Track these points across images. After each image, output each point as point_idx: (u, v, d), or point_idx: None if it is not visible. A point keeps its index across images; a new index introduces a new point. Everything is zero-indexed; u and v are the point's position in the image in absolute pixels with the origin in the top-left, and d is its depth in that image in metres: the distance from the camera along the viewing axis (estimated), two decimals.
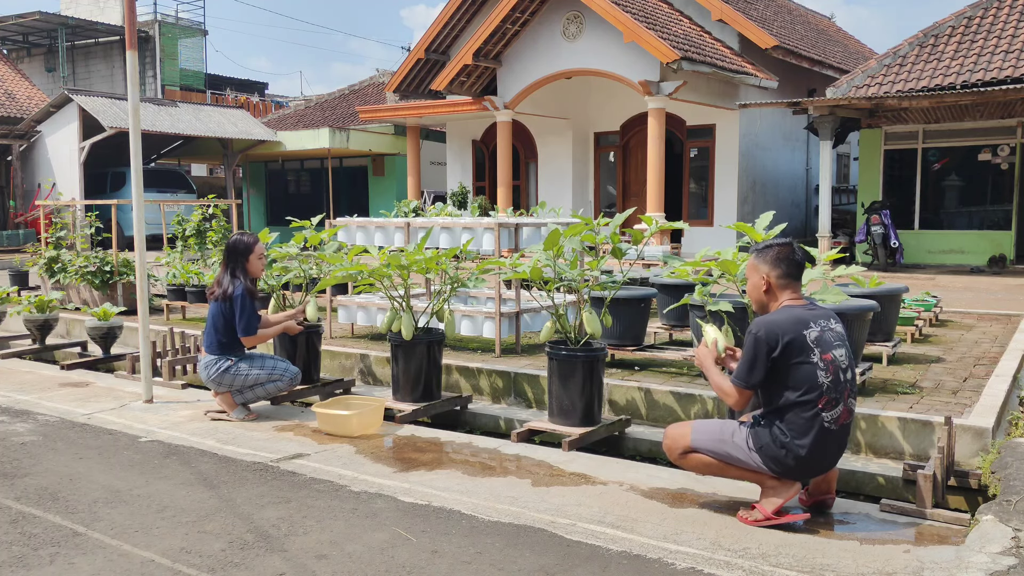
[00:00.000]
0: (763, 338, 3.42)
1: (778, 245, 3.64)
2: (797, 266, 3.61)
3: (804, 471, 3.51)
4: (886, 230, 14.18)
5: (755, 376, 3.46)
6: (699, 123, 16.75)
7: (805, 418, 3.41)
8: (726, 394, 3.58)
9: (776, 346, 3.40)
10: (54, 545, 3.34)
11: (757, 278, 3.63)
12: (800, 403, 3.41)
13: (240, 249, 5.43)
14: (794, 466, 3.46)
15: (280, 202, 25.42)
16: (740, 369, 3.51)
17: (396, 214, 8.46)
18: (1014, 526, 3.28)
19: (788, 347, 3.40)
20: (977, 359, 6.47)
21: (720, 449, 3.61)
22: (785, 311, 3.52)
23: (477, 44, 15.85)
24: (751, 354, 3.45)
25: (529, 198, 19.31)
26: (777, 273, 3.58)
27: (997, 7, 14.28)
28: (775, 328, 3.43)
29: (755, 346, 3.43)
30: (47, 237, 10.49)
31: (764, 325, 3.45)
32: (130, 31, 5.61)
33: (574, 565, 3.13)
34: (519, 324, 6.95)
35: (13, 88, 24.58)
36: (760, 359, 3.43)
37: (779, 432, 3.46)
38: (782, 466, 3.47)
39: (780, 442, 3.45)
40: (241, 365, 5.30)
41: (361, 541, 3.36)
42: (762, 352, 3.42)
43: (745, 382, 3.49)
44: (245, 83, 38.73)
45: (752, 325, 3.50)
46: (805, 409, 3.41)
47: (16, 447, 4.70)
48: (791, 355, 3.40)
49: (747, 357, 3.47)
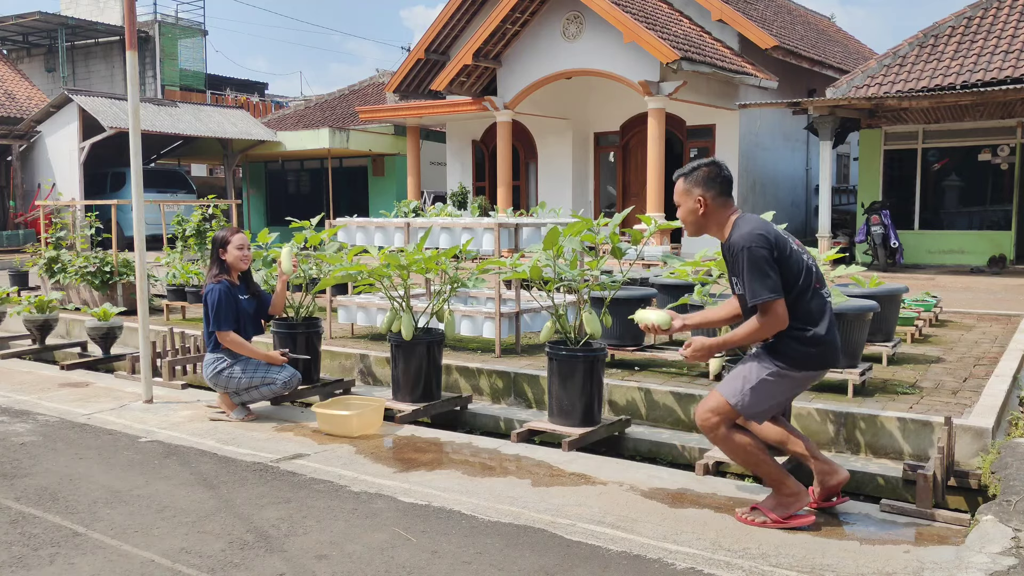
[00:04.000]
0: (758, 247, 3.40)
1: (705, 165, 3.65)
2: (728, 182, 3.65)
3: (823, 361, 3.51)
4: (886, 230, 14.18)
5: (775, 280, 3.38)
6: (699, 123, 16.75)
7: (812, 303, 3.47)
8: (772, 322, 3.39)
9: (772, 248, 3.42)
10: (54, 545, 3.34)
11: (691, 201, 3.63)
12: (802, 291, 3.46)
13: (218, 241, 5.46)
14: (816, 353, 3.45)
15: (280, 202, 25.42)
16: (759, 288, 3.37)
17: (396, 214, 8.46)
18: (1014, 526, 3.28)
19: (778, 244, 3.45)
20: (977, 359, 6.47)
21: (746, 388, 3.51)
22: (745, 221, 3.55)
23: (477, 44, 15.85)
24: (759, 267, 3.38)
25: (529, 198, 19.31)
26: (713, 193, 3.60)
27: (997, 7, 14.28)
28: (760, 233, 3.44)
29: (756, 260, 3.39)
30: (47, 237, 10.48)
31: (749, 238, 3.43)
32: (130, 31, 5.61)
33: (574, 565, 3.13)
34: (519, 324, 6.95)
35: (13, 88, 24.58)
36: (769, 264, 3.39)
37: (795, 331, 3.45)
38: (807, 356, 3.46)
39: (799, 338, 3.45)
40: (235, 368, 5.28)
41: (361, 541, 3.36)
42: (767, 259, 3.39)
43: (774, 291, 3.37)
44: (245, 83, 38.73)
45: (736, 246, 3.46)
46: (807, 294, 3.46)
47: (16, 447, 4.70)
48: (783, 249, 3.45)
49: (757, 272, 3.38)
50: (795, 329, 3.47)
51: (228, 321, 5.28)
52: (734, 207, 3.64)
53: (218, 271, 5.41)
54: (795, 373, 3.52)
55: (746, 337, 3.50)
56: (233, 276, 5.47)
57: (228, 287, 5.34)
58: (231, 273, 5.46)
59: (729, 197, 3.63)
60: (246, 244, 5.52)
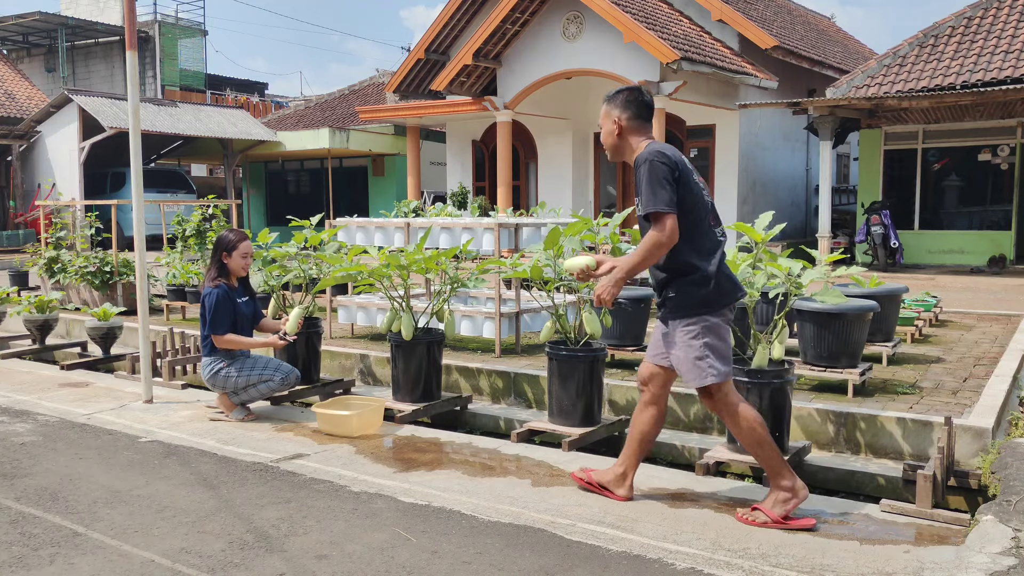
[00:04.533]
0: (659, 161, 3.48)
1: (626, 90, 3.75)
2: (646, 107, 3.72)
3: (721, 294, 3.56)
4: (886, 230, 14.18)
5: (671, 195, 3.44)
6: (699, 123, 16.74)
7: (706, 239, 3.55)
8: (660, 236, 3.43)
9: (673, 167, 3.48)
10: (54, 545, 3.34)
11: (610, 123, 3.72)
12: (696, 222, 3.54)
13: (223, 244, 5.42)
14: (713, 289, 3.52)
15: (280, 202, 25.41)
16: (652, 198, 3.44)
17: (396, 214, 8.45)
18: (1014, 526, 3.28)
19: (681, 167, 3.52)
20: (977, 359, 6.47)
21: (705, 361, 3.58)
22: (655, 143, 3.61)
23: (477, 44, 15.84)
24: (656, 179, 3.45)
25: (529, 198, 19.30)
26: (628, 115, 3.68)
27: (997, 7, 14.28)
28: (664, 151, 3.52)
29: (656, 170, 3.46)
30: (47, 237, 10.48)
31: (653, 152, 3.51)
32: (130, 31, 5.61)
33: (574, 565, 3.13)
34: (519, 324, 6.95)
35: (13, 88, 24.58)
36: (668, 180, 3.46)
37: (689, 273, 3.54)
38: (704, 298, 3.54)
39: (693, 281, 3.54)
40: (232, 368, 5.28)
41: (361, 541, 3.36)
42: (668, 172, 3.46)
43: (668, 205, 3.44)
44: (245, 83, 38.73)
45: (639, 160, 3.53)
46: (701, 227, 3.55)
47: (16, 447, 4.70)
48: (684, 174, 3.52)
49: (654, 184, 3.44)
50: (688, 270, 3.54)
51: (224, 325, 5.27)
52: (649, 134, 3.73)
53: (216, 274, 5.39)
54: (712, 318, 3.58)
55: (642, 255, 3.50)
56: (232, 279, 5.46)
57: (226, 291, 5.33)
58: (229, 277, 5.45)
59: (646, 122, 3.72)
60: (251, 252, 5.51)
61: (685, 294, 3.57)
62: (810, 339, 5.53)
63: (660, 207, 3.43)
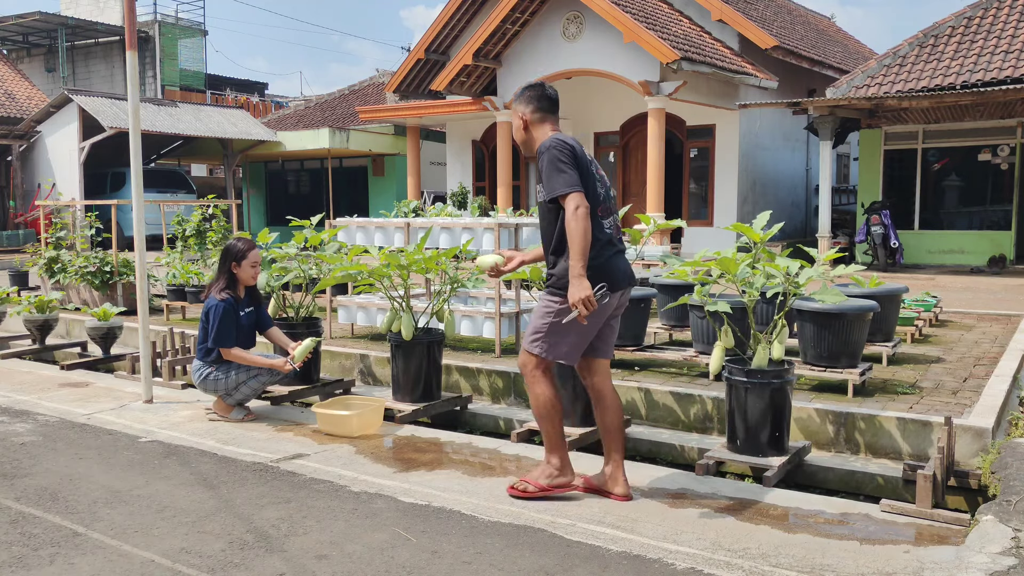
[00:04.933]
0: (558, 148, 3.59)
1: (529, 87, 3.88)
2: (549, 100, 3.85)
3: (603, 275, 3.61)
4: (886, 230, 14.18)
5: (573, 176, 3.53)
6: (699, 123, 16.74)
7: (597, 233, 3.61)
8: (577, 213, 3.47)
9: (572, 154, 3.59)
10: (54, 545, 3.34)
11: (517, 120, 3.87)
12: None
13: (232, 253, 5.33)
14: (593, 270, 3.56)
15: (280, 202, 25.41)
16: (556, 181, 3.53)
17: (396, 214, 8.46)
18: (1014, 526, 3.28)
19: (580, 155, 3.63)
20: (977, 359, 6.47)
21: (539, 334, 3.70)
22: (558, 134, 3.72)
23: (477, 44, 15.84)
24: (557, 164, 3.56)
25: (529, 198, 19.30)
26: (531, 109, 3.82)
27: (997, 7, 14.28)
28: (563, 139, 3.64)
29: (554, 158, 3.57)
30: (47, 237, 10.48)
31: (553, 141, 3.63)
32: (130, 31, 5.61)
33: (574, 565, 3.13)
34: (519, 324, 6.95)
35: (13, 88, 24.58)
36: (569, 161, 3.56)
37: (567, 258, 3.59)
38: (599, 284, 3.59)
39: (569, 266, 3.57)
40: (219, 371, 5.25)
41: (361, 541, 3.36)
42: (568, 156, 3.57)
43: (572, 185, 3.52)
44: (245, 83, 38.73)
45: (541, 149, 3.66)
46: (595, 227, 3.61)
47: (16, 447, 4.70)
48: (583, 162, 3.63)
49: (555, 169, 3.55)
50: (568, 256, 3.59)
51: (230, 338, 5.22)
52: (555, 127, 3.84)
53: (225, 284, 5.30)
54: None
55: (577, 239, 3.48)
56: (239, 289, 5.39)
57: (232, 304, 5.26)
58: (237, 287, 5.37)
59: (549, 115, 3.84)
60: (259, 261, 5.46)
61: (561, 272, 3.67)
62: (810, 339, 5.53)
63: (564, 189, 3.53)
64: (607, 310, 3.74)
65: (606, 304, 3.69)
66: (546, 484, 3.79)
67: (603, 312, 3.71)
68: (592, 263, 3.56)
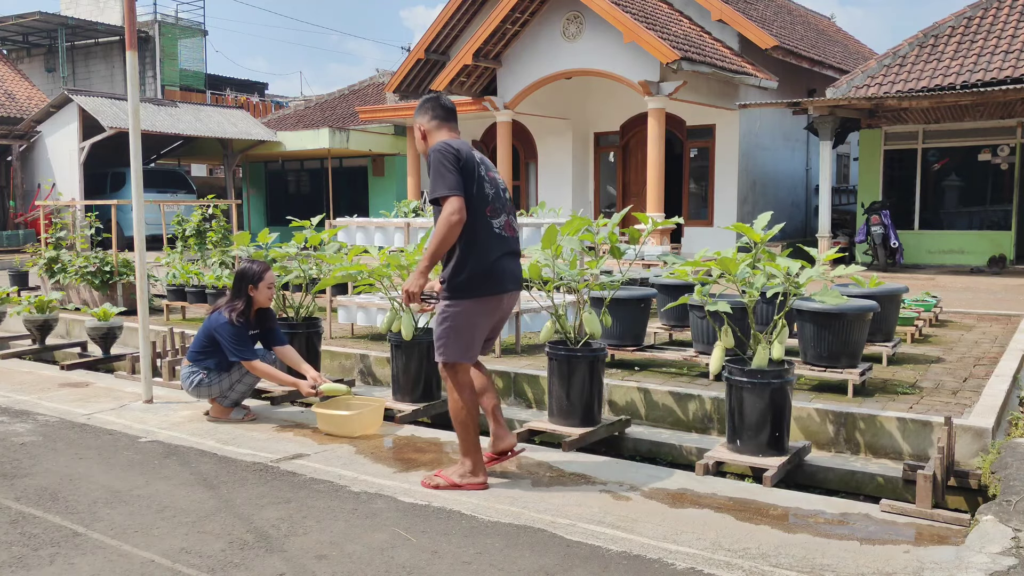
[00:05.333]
0: (443, 151, 3.74)
1: (425, 99, 4.06)
2: (444, 109, 4.01)
3: (490, 277, 3.81)
4: (886, 230, 14.18)
5: (456, 179, 3.69)
6: (699, 123, 16.75)
7: (474, 230, 3.76)
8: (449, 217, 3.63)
9: (457, 157, 3.73)
10: (54, 545, 3.34)
11: (416, 131, 4.07)
12: (471, 211, 3.74)
13: (248, 277, 5.24)
14: (481, 273, 3.77)
15: (280, 202, 25.40)
16: (439, 183, 3.68)
17: (396, 214, 8.46)
18: (1014, 526, 3.28)
19: (467, 158, 3.77)
20: (977, 359, 6.47)
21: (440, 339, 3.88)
22: (449, 139, 3.89)
23: (477, 44, 15.84)
24: (440, 166, 3.70)
25: (529, 198, 19.31)
26: (427, 118, 4.00)
27: (997, 7, 14.28)
28: (450, 143, 3.79)
29: (438, 161, 3.72)
30: (47, 237, 10.49)
31: (440, 144, 3.79)
32: (130, 31, 5.61)
33: (574, 565, 3.13)
34: (519, 324, 6.95)
35: (13, 88, 24.57)
36: (452, 166, 3.71)
37: (462, 254, 3.77)
38: (462, 284, 3.78)
39: (462, 262, 3.78)
40: (211, 375, 5.21)
41: (361, 541, 3.36)
42: (451, 159, 3.72)
43: (452, 188, 3.67)
44: (245, 83, 38.71)
45: (430, 153, 3.82)
46: (472, 220, 3.75)
47: (16, 447, 4.70)
48: (469, 166, 3.77)
49: (438, 172, 3.70)
50: (456, 255, 3.78)
51: (249, 350, 5.16)
52: (451, 133, 3.98)
53: (244, 307, 5.20)
54: (465, 301, 3.82)
55: (435, 238, 3.69)
56: (252, 312, 5.29)
57: (244, 326, 5.20)
58: (251, 309, 5.28)
59: (445, 123, 3.99)
60: (275, 282, 5.40)
61: (450, 276, 3.83)
62: (810, 339, 5.53)
63: (444, 191, 3.67)
64: (498, 312, 3.97)
65: (494, 307, 3.92)
66: (457, 481, 3.94)
67: (494, 313, 3.96)
68: (480, 265, 3.78)
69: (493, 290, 3.86)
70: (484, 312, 3.90)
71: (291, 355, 5.45)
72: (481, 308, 3.87)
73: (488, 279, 3.81)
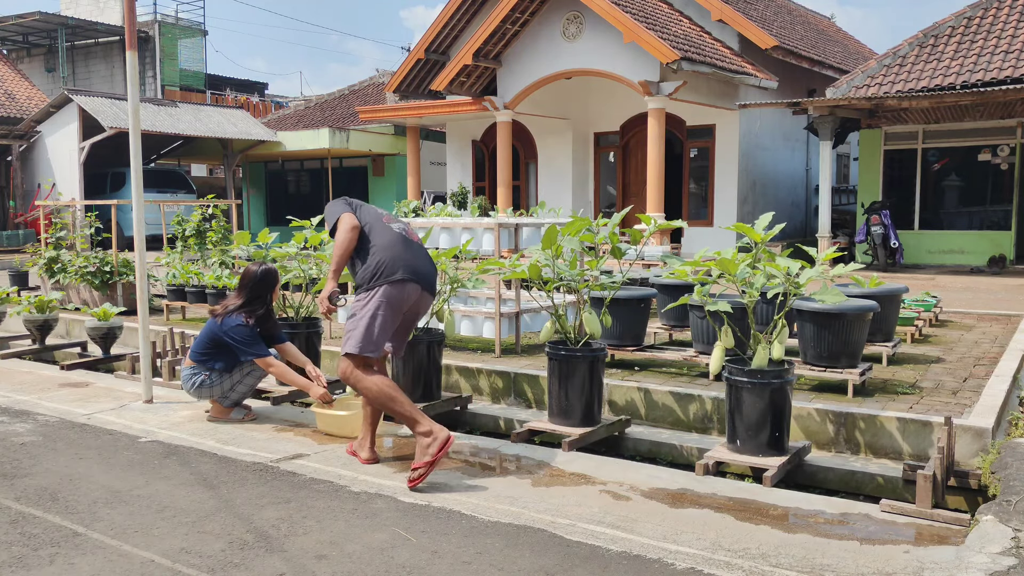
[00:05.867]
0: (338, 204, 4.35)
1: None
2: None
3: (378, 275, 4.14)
4: (886, 230, 14.18)
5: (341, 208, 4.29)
6: (699, 123, 16.74)
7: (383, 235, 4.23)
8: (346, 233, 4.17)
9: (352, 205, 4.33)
10: (54, 545, 3.34)
11: None
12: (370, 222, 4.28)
13: (272, 279, 5.33)
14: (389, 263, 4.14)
15: (280, 202, 25.40)
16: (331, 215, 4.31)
17: (396, 214, 8.46)
18: (1014, 526, 3.28)
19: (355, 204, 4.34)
20: (977, 359, 6.47)
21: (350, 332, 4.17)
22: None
23: (477, 44, 15.84)
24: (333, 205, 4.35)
25: (529, 198, 19.30)
26: None
27: (997, 7, 14.28)
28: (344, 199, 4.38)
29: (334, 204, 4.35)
30: (47, 237, 10.49)
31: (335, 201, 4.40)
32: (130, 31, 5.61)
33: (574, 565, 3.13)
34: (519, 324, 6.95)
35: (13, 88, 24.58)
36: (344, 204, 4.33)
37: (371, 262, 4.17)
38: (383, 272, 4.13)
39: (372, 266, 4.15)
40: (212, 376, 5.21)
41: (361, 541, 3.36)
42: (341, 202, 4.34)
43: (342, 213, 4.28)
44: (245, 83, 38.71)
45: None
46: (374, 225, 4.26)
47: (16, 447, 4.70)
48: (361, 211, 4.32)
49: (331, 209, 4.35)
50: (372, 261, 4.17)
51: (265, 347, 5.19)
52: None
53: (265, 310, 5.26)
54: (372, 291, 4.14)
55: (336, 249, 4.21)
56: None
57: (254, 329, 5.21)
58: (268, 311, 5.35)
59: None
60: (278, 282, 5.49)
61: (359, 275, 4.21)
62: (810, 339, 5.54)
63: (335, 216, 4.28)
64: (405, 305, 4.24)
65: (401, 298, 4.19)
66: (430, 459, 3.95)
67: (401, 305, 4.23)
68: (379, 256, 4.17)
69: (399, 277, 4.14)
70: (390, 303, 4.14)
71: (293, 352, 5.46)
72: (389, 296, 4.13)
73: (392, 268, 4.14)
